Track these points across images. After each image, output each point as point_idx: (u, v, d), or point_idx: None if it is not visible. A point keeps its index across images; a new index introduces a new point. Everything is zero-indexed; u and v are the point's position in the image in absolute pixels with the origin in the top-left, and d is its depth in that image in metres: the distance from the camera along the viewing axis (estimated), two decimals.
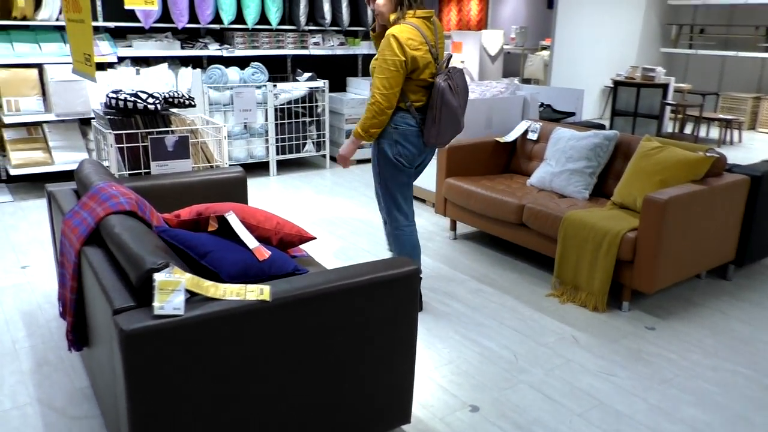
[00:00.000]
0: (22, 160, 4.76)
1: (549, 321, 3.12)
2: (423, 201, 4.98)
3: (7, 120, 4.66)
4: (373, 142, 3.02)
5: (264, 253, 2.32)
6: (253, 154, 5.75)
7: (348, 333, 1.97)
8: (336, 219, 4.63)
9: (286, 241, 2.59)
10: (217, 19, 5.61)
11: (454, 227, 4.29)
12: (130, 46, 5.28)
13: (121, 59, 5.25)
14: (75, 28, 2.67)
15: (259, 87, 5.60)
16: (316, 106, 6.00)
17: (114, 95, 3.12)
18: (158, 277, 1.69)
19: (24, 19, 4.82)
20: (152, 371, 1.64)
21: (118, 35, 5.36)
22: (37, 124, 4.94)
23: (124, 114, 3.15)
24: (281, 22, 5.99)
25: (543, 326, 3.06)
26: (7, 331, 2.91)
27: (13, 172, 4.74)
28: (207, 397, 1.75)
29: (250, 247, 2.31)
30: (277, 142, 5.83)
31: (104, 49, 5.13)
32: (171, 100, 3.33)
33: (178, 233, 2.28)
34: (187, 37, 5.67)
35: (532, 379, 2.62)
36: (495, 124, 4.68)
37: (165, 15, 5.38)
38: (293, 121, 5.87)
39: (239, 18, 5.74)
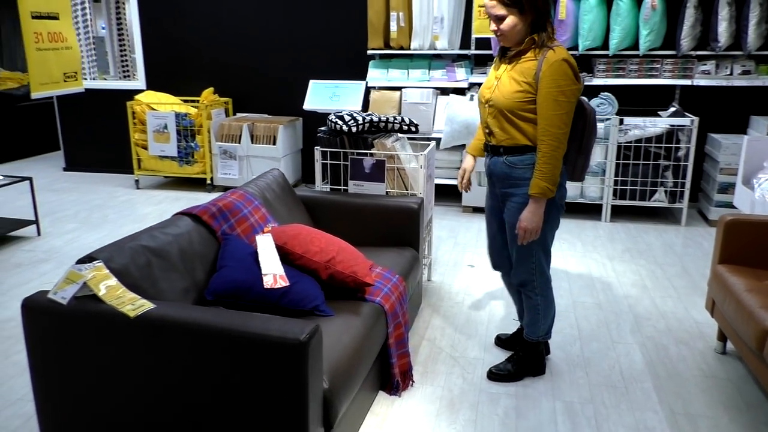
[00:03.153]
0: None
1: None
2: None
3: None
4: (511, 190, 2.51)
5: (273, 282, 2.28)
6: (585, 194, 5.15)
7: (211, 383, 1.80)
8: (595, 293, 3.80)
9: (337, 279, 2.45)
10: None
11: (723, 337, 2.97)
12: (484, 74, 5.46)
13: (473, 85, 5.50)
14: (51, 55, 3.32)
15: (602, 120, 4.96)
16: (678, 147, 4.90)
17: (333, 115, 3.44)
18: (72, 268, 1.96)
19: (401, 48, 5.60)
20: (41, 340, 1.93)
21: (482, 62, 5.61)
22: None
23: (334, 134, 3.43)
24: (662, 46, 5.10)
25: None
26: None
27: None
28: (83, 379, 1.93)
29: (263, 272, 2.31)
30: (616, 184, 5.05)
31: (459, 75, 5.47)
32: (383, 124, 3.43)
33: (230, 243, 2.47)
34: None
35: None
36: None
37: None
38: (642, 162, 4.97)
39: (604, 44, 5.18)
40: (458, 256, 4.28)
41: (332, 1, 5.94)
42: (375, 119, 3.41)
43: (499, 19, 2.33)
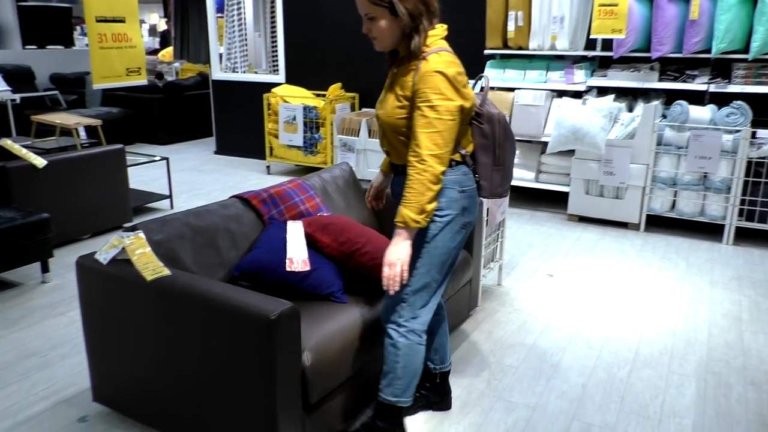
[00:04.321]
0: None
1: None
2: None
3: None
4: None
5: (296, 265, 2.47)
6: (705, 212, 4.68)
7: (202, 346, 2.03)
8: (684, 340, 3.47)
9: (361, 269, 2.59)
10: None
11: None
12: (604, 76, 5.17)
13: (591, 88, 5.23)
14: (114, 53, 4.28)
15: (730, 132, 4.48)
16: None
17: None
18: (118, 234, 2.29)
19: (519, 48, 5.49)
20: (91, 289, 2.30)
21: (605, 64, 5.32)
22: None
23: None
24: None
25: None
26: None
27: None
28: (114, 327, 2.27)
29: (288, 255, 2.50)
30: (743, 204, 4.53)
31: (577, 78, 5.24)
32: None
33: (271, 227, 2.71)
34: (681, 66, 5.02)
35: None
36: None
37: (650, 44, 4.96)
38: None
39: (745, 47, 4.65)
40: (541, 264, 4.15)
41: (455, 1, 5.99)
42: None
43: (369, 20, 1.99)
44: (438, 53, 1.97)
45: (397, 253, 1.96)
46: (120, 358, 2.30)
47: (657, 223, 4.99)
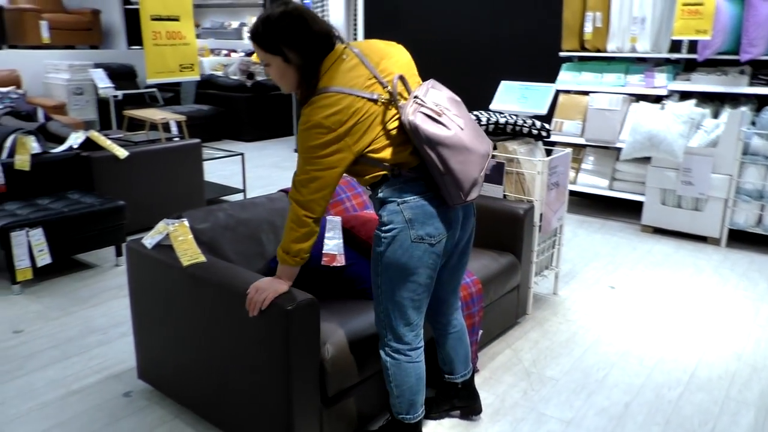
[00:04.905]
0: None
1: None
2: None
3: (552, 138, 5.37)
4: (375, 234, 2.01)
5: (329, 260, 2.51)
6: None
7: (229, 332, 2.10)
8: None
9: None
10: None
11: None
12: (688, 80, 4.86)
13: (673, 93, 4.93)
14: (168, 50, 4.35)
15: None
16: None
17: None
18: (163, 221, 2.42)
19: (597, 51, 5.28)
20: (137, 272, 2.44)
21: (691, 68, 5.00)
22: (581, 146, 5.40)
23: None
24: None
25: None
26: None
27: None
28: (159, 304, 2.39)
29: (323, 250, 2.54)
30: None
31: (658, 82, 4.97)
32: (510, 127, 3.36)
33: None
34: None
35: None
36: None
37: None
38: None
39: None
40: (604, 275, 3.97)
41: (532, 2, 5.86)
42: (501, 121, 3.37)
43: (266, 66, 1.96)
44: (316, 97, 1.88)
45: (268, 285, 1.97)
46: (161, 339, 2.42)
47: (742, 239, 4.63)
